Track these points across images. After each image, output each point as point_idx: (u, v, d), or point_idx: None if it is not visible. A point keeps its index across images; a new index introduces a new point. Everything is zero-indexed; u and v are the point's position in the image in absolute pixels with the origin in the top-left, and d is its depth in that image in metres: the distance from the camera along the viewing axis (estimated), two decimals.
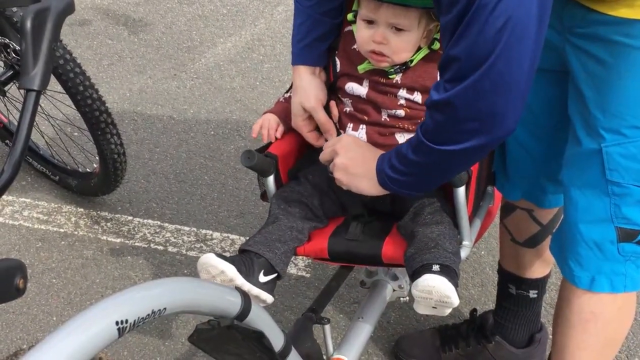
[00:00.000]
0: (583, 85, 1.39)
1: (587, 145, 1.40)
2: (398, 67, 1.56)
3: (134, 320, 0.89)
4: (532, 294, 1.89)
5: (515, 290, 1.90)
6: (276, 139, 1.66)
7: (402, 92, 1.57)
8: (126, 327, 0.88)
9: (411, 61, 1.55)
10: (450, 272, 1.40)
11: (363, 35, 1.53)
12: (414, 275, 1.42)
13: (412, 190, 1.44)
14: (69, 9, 1.24)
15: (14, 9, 2.13)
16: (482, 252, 2.41)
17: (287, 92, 1.74)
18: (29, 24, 1.17)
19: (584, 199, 1.43)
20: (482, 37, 1.10)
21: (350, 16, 1.59)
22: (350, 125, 1.64)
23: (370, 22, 1.51)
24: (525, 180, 1.70)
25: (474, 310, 2.02)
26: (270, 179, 1.62)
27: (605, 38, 1.32)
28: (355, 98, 1.63)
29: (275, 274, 1.51)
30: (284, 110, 1.69)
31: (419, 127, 1.31)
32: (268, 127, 1.66)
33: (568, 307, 1.56)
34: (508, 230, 1.85)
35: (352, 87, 1.62)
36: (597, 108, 1.37)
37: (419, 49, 1.55)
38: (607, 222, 1.42)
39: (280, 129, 1.67)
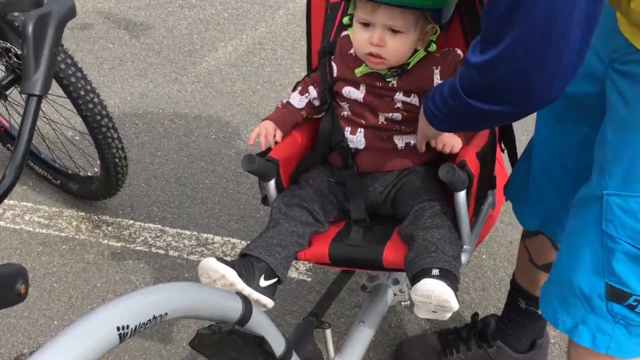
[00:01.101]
0: (607, 125, 1.30)
1: (594, 189, 1.31)
2: (395, 70, 1.56)
3: (135, 326, 0.89)
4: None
5: (524, 305, 1.87)
6: (276, 143, 1.66)
7: (399, 96, 1.58)
8: (127, 332, 0.88)
9: (408, 64, 1.56)
10: (449, 277, 1.40)
11: (360, 38, 1.53)
12: (413, 280, 1.42)
13: (448, 129, 1.41)
14: (71, 13, 1.24)
15: (16, 14, 2.13)
16: (483, 256, 2.41)
17: (291, 95, 1.74)
18: (30, 28, 1.17)
19: (578, 245, 1.35)
20: None
21: (346, 19, 1.59)
22: (348, 129, 1.65)
23: (366, 25, 1.52)
24: (545, 210, 1.64)
25: (476, 314, 2.01)
26: (271, 183, 1.62)
27: (635, 76, 1.22)
28: (353, 102, 1.63)
29: (276, 279, 1.51)
30: (281, 116, 1.70)
31: (460, 70, 1.24)
32: (265, 134, 1.66)
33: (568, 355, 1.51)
34: (528, 250, 1.82)
35: (349, 91, 1.63)
36: (611, 151, 1.27)
37: (416, 51, 1.56)
38: (598, 275, 1.32)
39: (279, 133, 1.67)
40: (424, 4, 1.46)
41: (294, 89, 1.75)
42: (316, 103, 1.72)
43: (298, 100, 1.72)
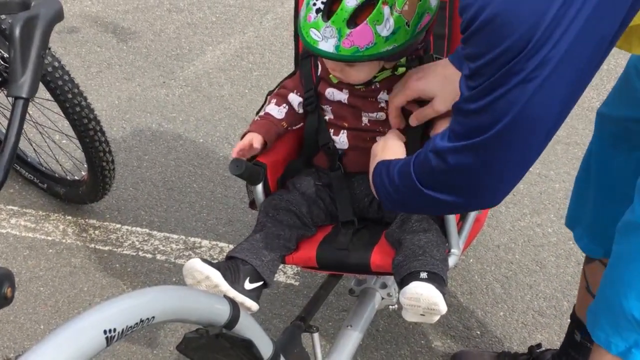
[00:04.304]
0: None
1: (638, 216, 1.29)
2: (362, 84, 1.57)
3: (122, 329, 0.89)
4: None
5: (579, 338, 1.82)
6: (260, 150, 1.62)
7: (383, 95, 1.58)
8: (114, 336, 0.88)
9: (375, 77, 1.56)
10: (438, 280, 1.40)
11: None
12: (402, 283, 1.43)
13: (388, 204, 1.38)
14: (58, 16, 1.24)
15: (3, 17, 2.12)
16: (471, 260, 2.41)
17: (266, 107, 1.70)
18: (17, 31, 1.16)
19: (628, 273, 1.33)
20: (494, 107, 1.03)
21: None
22: (331, 131, 1.65)
23: None
24: (608, 237, 1.57)
25: (538, 345, 1.99)
26: (259, 187, 1.62)
27: None
28: (336, 104, 1.63)
29: (262, 282, 1.51)
30: (263, 126, 1.64)
31: (413, 157, 1.24)
32: (245, 146, 1.61)
33: None
34: (586, 278, 1.77)
35: (332, 92, 1.63)
36: None
37: (383, 68, 1.55)
38: None
39: (257, 139, 1.61)
40: (360, 59, 1.42)
41: (266, 101, 1.71)
42: (300, 110, 1.68)
43: (277, 111, 1.67)
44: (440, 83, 1.49)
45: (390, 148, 1.47)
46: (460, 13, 1.03)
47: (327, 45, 1.40)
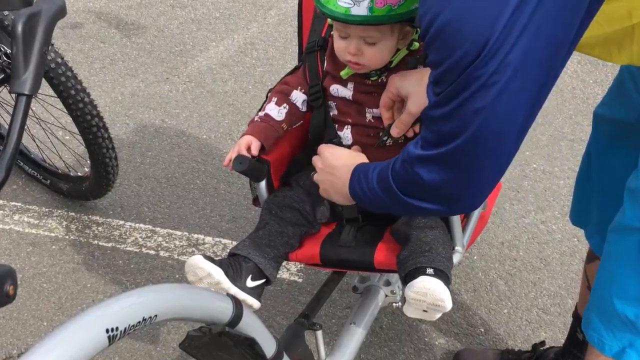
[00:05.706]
0: None
1: (629, 219, 1.30)
2: (378, 70, 1.56)
3: (125, 328, 0.88)
4: None
5: (582, 337, 1.79)
6: (253, 157, 1.59)
7: None
8: (117, 334, 0.87)
9: (391, 62, 1.55)
10: (443, 277, 1.40)
11: (339, 46, 1.53)
12: (407, 277, 1.42)
13: (370, 208, 1.39)
14: (61, 12, 1.24)
15: (5, 13, 2.12)
16: (475, 257, 2.41)
17: (266, 106, 1.67)
18: (20, 27, 1.16)
19: (619, 274, 1.33)
20: (460, 112, 1.04)
21: (330, 20, 1.59)
22: (334, 126, 1.65)
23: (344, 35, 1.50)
24: None
25: (542, 342, 1.99)
26: (262, 184, 1.62)
27: None
28: (340, 100, 1.63)
29: (264, 279, 1.50)
30: (262, 132, 1.61)
31: (392, 163, 1.25)
32: (238, 150, 1.58)
33: None
34: (587, 276, 1.77)
35: (337, 89, 1.62)
36: None
37: (398, 50, 1.55)
38: None
39: (255, 145, 1.59)
40: (393, 19, 1.42)
41: (267, 99, 1.70)
42: (304, 108, 1.67)
43: (277, 112, 1.64)
44: (415, 82, 1.51)
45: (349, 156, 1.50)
46: (418, 22, 1.05)
47: (359, 9, 1.39)
